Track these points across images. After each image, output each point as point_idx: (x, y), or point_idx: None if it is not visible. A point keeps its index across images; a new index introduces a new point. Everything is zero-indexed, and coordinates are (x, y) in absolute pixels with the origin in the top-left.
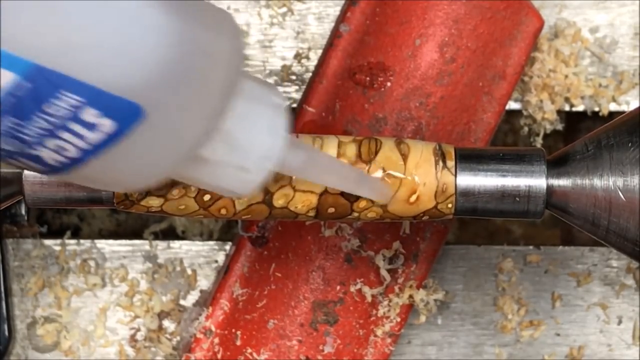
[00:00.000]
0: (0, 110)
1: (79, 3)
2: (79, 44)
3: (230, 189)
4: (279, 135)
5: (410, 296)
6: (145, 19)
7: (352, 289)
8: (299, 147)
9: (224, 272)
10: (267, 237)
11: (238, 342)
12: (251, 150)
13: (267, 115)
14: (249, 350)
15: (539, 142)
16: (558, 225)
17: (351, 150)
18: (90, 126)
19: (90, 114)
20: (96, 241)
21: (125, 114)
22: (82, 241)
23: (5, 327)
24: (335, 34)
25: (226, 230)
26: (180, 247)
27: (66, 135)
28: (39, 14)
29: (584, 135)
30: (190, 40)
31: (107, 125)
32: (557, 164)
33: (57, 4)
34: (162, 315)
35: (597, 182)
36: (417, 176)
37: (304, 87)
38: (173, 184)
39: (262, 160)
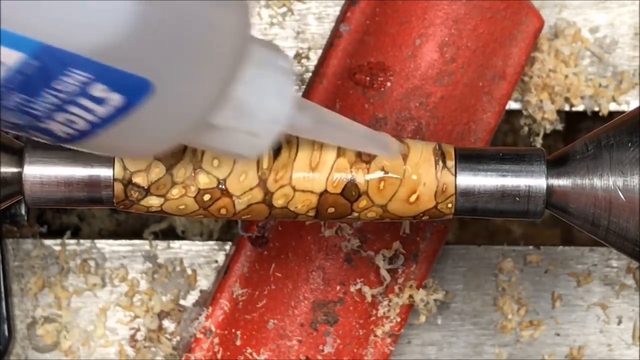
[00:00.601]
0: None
1: None
2: (83, 22)
3: (239, 152)
4: (287, 98)
5: (410, 296)
6: None
7: (352, 289)
8: (307, 108)
9: (224, 272)
10: (267, 237)
11: (238, 342)
12: (260, 114)
13: (275, 79)
14: (249, 350)
15: (539, 142)
16: (558, 225)
17: (351, 149)
18: (99, 100)
19: (98, 89)
20: (96, 241)
21: (133, 88)
22: (82, 241)
23: (5, 327)
24: (335, 34)
25: (226, 230)
26: (180, 247)
27: (75, 110)
28: None
29: (584, 135)
30: (192, 11)
31: (115, 99)
32: (557, 164)
33: None
34: (162, 315)
35: (597, 182)
36: (417, 176)
37: (304, 87)
38: (173, 183)
39: (270, 124)
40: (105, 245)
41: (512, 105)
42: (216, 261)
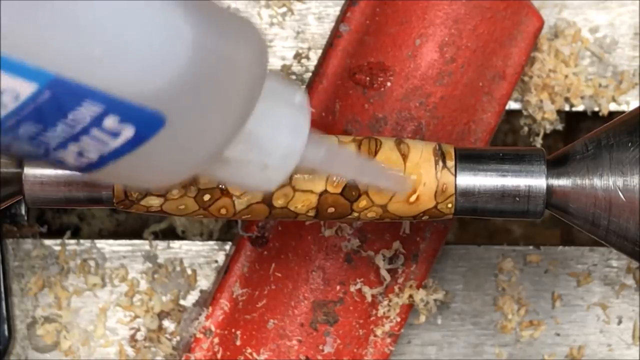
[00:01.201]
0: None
1: (99, 14)
2: (99, 55)
3: (253, 185)
4: (300, 133)
5: (410, 296)
6: (165, 30)
7: (352, 289)
8: (320, 143)
9: (224, 272)
10: (267, 237)
11: (238, 342)
12: (273, 149)
13: (289, 114)
14: (249, 350)
15: (539, 142)
16: (558, 225)
17: (351, 150)
18: (112, 133)
19: (111, 122)
20: (96, 241)
21: (146, 122)
22: (82, 241)
23: (5, 327)
24: (335, 34)
25: (226, 230)
26: (180, 247)
27: (88, 141)
28: (60, 25)
29: (584, 135)
30: (212, 50)
31: (128, 131)
32: (557, 164)
33: (78, 15)
34: (162, 315)
35: (597, 182)
36: (417, 176)
37: (304, 87)
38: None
39: (284, 158)
40: (105, 245)
41: (512, 105)
42: (216, 261)
